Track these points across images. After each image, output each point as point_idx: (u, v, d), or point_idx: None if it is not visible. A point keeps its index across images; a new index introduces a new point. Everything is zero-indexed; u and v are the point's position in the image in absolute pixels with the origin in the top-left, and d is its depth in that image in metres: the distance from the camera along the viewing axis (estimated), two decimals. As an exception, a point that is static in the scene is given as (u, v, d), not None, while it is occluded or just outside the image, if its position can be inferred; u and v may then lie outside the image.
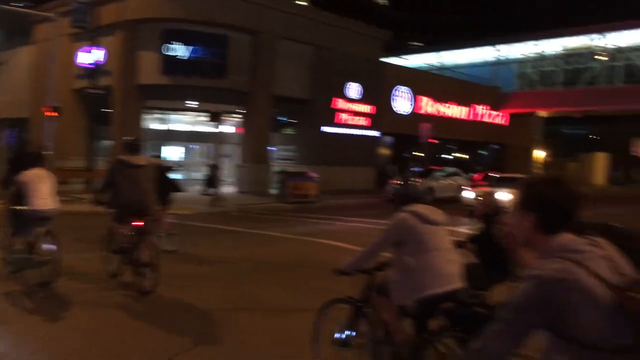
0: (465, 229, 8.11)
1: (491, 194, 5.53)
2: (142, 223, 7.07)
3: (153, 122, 26.27)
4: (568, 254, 1.76)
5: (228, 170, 26.33)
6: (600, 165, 49.97)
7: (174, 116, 27.71)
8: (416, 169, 25.41)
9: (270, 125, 24.82)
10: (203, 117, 27.76)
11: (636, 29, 35.06)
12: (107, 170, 7.85)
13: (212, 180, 22.99)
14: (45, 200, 7.01)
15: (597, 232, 1.89)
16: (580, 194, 1.88)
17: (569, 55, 40.08)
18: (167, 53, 22.19)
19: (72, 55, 23.41)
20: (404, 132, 31.73)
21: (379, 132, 29.50)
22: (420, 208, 4.02)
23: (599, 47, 37.25)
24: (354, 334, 4.27)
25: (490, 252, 5.18)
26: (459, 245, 5.17)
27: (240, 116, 25.24)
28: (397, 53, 43.14)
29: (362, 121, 28.60)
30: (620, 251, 1.82)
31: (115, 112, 22.68)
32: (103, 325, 5.80)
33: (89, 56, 21.67)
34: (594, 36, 37.03)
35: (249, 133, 24.37)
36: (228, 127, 28.22)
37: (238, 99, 23.90)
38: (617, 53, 36.59)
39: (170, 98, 23.77)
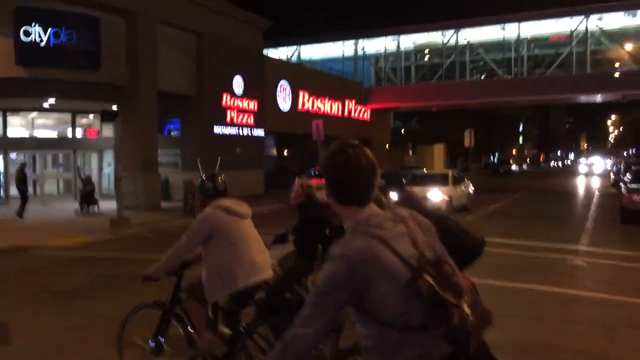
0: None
1: (302, 184, 5.40)
2: None
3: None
4: (372, 228, 1.76)
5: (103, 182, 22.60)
6: (439, 156, 53.65)
7: (13, 119, 22.45)
8: (312, 170, 23.75)
9: (156, 126, 21.16)
10: (62, 118, 23.04)
11: (486, 25, 37.50)
12: None
13: (89, 196, 18.87)
14: None
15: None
16: (369, 163, 1.82)
17: (421, 51, 41.72)
18: (21, 38, 17.48)
19: None
20: (286, 130, 29.95)
21: (263, 131, 27.26)
22: (226, 202, 3.98)
23: (450, 44, 39.16)
24: (162, 339, 4.04)
25: (305, 239, 5.21)
26: (283, 237, 5.42)
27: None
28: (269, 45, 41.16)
29: (250, 119, 26.08)
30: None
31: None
32: None
33: None
34: (447, 32, 38.77)
35: (128, 136, 20.39)
36: (79, 130, 23.68)
37: (113, 95, 19.88)
38: (468, 49, 38.81)
39: (25, 95, 18.87)
